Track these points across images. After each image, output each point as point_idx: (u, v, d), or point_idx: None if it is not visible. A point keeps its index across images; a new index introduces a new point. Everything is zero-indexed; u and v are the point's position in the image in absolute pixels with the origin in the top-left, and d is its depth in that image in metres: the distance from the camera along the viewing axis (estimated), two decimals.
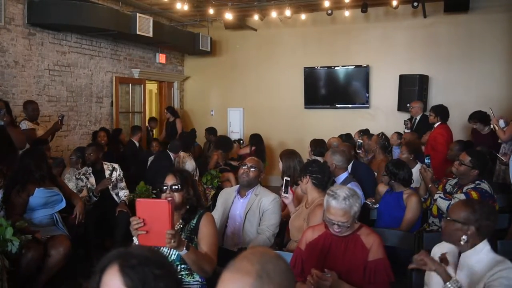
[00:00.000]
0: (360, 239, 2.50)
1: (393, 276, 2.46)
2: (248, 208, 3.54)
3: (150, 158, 6.76)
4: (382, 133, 5.91)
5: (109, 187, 5.09)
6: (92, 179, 5.07)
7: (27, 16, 6.40)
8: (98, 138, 6.66)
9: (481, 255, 2.19)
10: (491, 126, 3.87)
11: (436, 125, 6.04)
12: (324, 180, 3.36)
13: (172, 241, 2.23)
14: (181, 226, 2.69)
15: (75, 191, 4.70)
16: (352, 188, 2.61)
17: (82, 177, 5.05)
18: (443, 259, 2.28)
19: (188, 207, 2.71)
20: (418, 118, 6.92)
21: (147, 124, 9.01)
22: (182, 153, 6.58)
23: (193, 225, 2.67)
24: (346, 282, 2.39)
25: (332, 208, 2.48)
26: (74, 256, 3.99)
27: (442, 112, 6.03)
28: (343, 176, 4.20)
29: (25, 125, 5.47)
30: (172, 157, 6.35)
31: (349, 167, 4.88)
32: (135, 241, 2.36)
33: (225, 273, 1.27)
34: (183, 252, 2.35)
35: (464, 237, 2.20)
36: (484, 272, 2.12)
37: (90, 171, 5.10)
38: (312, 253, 2.55)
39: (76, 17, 6.54)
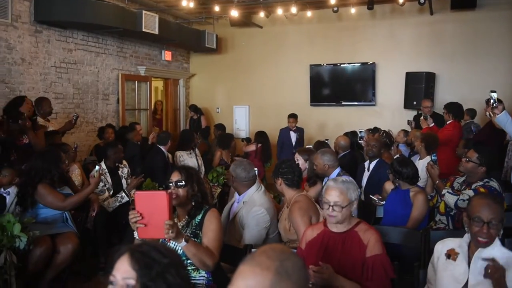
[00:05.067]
0: (357, 235, 2.50)
1: (392, 273, 2.45)
2: (234, 215, 3.56)
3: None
4: (384, 131, 5.92)
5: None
6: (109, 178, 5.10)
7: (34, 13, 6.41)
8: (106, 134, 6.66)
9: (495, 250, 2.22)
10: (486, 113, 3.81)
11: (448, 122, 6.01)
12: (295, 179, 3.43)
13: (170, 231, 2.25)
14: (186, 221, 2.72)
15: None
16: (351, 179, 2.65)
17: (102, 177, 4.92)
18: (451, 254, 2.29)
19: (193, 203, 2.73)
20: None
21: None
22: (178, 152, 6.57)
23: (198, 220, 2.70)
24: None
25: (329, 189, 2.53)
26: (82, 253, 4.01)
27: (454, 109, 6.00)
28: (335, 172, 4.20)
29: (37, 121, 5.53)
30: (164, 151, 6.31)
31: (372, 165, 4.88)
32: (135, 235, 2.38)
33: (243, 265, 1.28)
34: (183, 244, 2.37)
35: (501, 231, 2.25)
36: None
37: (106, 171, 5.10)
38: (311, 251, 2.55)
39: (82, 15, 6.55)
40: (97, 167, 4.22)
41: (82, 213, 4.33)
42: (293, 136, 8.05)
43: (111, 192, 5.05)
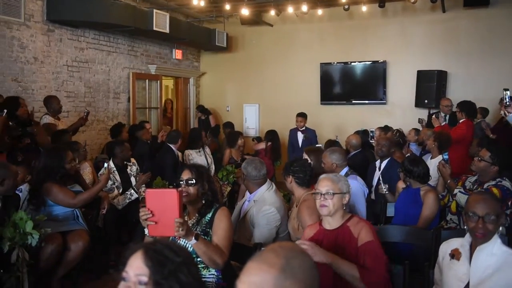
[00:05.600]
0: (348, 229, 2.53)
1: (385, 257, 2.47)
2: (245, 213, 3.56)
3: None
4: (397, 130, 5.86)
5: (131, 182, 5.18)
6: (118, 176, 5.13)
7: (46, 12, 6.47)
8: (123, 135, 6.64)
9: (495, 248, 2.21)
10: (501, 112, 3.76)
11: (461, 121, 5.95)
12: (306, 178, 3.44)
13: (181, 229, 2.26)
14: (197, 219, 2.73)
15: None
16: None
17: (110, 175, 4.93)
18: (455, 254, 2.28)
19: (204, 201, 2.74)
20: (448, 116, 6.79)
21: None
22: (187, 151, 6.62)
23: (208, 218, 2.71)
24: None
25: (320, 181, 2.61)
26: (92, 250, 4.04)
27: (467, 108, 5.93)
28: (343, 172, 4.18)
29: (46, 119, 5.57)
30: (174, 150, 6.34)
31: (383, 164, 4.85)
32: (146, 232, 2.39)
33: (250, 262, 1.28)
34: (193, 242, 2.38)
35: (501, 228, 2.25)
36: (499, 264, 2.16)
37: (114, 169, 5.13)
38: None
39: (94, 14, 6.60)
40: (105, 164, 4.26)
41: (92, 210, 4.36)
42: (300, 136, 7.75)
43: (120, 190, 5.08)
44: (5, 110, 4.31)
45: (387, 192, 4.29)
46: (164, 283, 1.35)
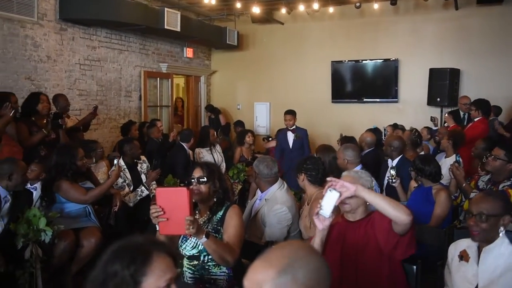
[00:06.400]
0: (375, 217, 2.45)
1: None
2: (256, 212, 3.57)
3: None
4: (416, 129, 5.78)
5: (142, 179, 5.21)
6: (128, 174, 5.16)
7: (59, 11, 6.53)
8: (133, 132, 6.71)
9: (502, 248, 2.18)
10: None
11: (476, 119, 5.88)
12: (318, 176, 3.42)
13: (191, 227, 2.25)
14: (208, 217, 2.73)
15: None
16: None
17: (121, 173, 4.95)
18: (463, 255, 2.25)
19: (215, 199, 2.74)
20: (467, 114, 6.73)
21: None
22: (198, 149, 6.67)
23: (220, 216, 2.71)
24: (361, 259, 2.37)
25: (342, 178, 2.54)
26: (104, 247, 4.06)
27: (483, 106, 5.88)
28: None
29: None
30: (186, 148, 6.35)
31: (395, 162, 4.80)
32: (157, 228, 2.40)
33: (257, 259, 1.29)
34: (203, 240, 2.38)
35: (501, 228, 2.19)
36: (507, 265, 2.13)
37: (125, 167, 5.15)
38: (329, 241, 2.51)
39: (106, 12, 6.64)
40: (115, 161, 4.29)
41: (105, 208, 4.40)
42: (291, 137, 6.98)
43: (131, 188, 5.11)
44: (13, 110, 4.36)
45: (395, 181, 4.22)
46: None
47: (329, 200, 2.20)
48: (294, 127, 7.02)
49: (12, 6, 5.83)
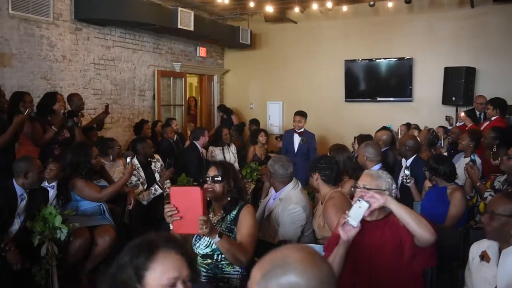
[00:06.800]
0: (394, 219, 2.41)
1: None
2: (270, 211, 3.56)
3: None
4: (433, 130, 5.69)
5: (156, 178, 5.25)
6: (142, 173, 5.20)
7: (74, 11, 6.59)
8: (145, 131, 6.76)
9: None
10: None
11: (493, 118, 5.80)
12: (332, 176, 3.39)
13: (204, 227, 2.26)
14: (222, 216, 2.74)
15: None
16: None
17: (135, 172, 5.06)
18: (484, 255, 2.22)
19: (229, 198, 2.75)
20: (483, 113, 6.64)
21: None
22: (211, 147, 6.71)
23: (233, 216, 2.71)
24: (381, 261, 2.34)
25: (362, 176, 2.54)
26: (118, 245, 4.10)
27: (501, 104, 5.80)
28: (375, 168, 4.11)
29: None
30: (198, 147, 6.37)
31: (409, 161, 4.75)
32: (171, 227, 2.42)
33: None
34: (216, 239, 2.38)
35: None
36: None
37: (139, 166, 5.20)
38: None
39: (120, 12, 6.69)
40: (128, 159, 4.32)
41: (119, 206, 4.43)
42: (297, 140, 6.65)
43: (145, 186, 5.15)
44: (28, 109, 4.40)
45: (409, 181, 4.19)
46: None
47: (358, 211, 2.21)
48: (302, 129, 6.67)
49: (28, 6, 5.90)
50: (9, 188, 3.53)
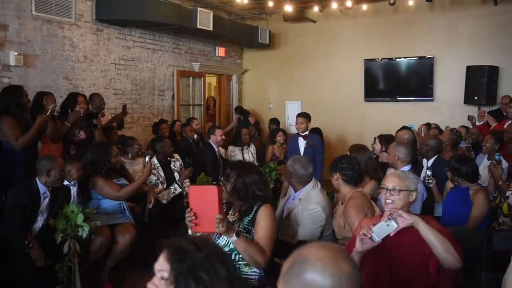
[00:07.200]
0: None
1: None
2: (289, 211, 3.54)
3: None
4: (456, 130, 5.58)
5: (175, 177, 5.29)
6: (162, 172, 5.24)
7: (95, 12, 6.68)
8: (162, 130, 6.84)
9: None
10: None
11: None
12: (354, 176, 3.34)
13: (220, 225, 2.27)
14: (239, 217, 2.74)
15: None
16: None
17: (154, 171, 5.10)
18: None
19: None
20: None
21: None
22: (231, 147, 6.77)
23: (251, 216, 2.69)
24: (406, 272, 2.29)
25: (388, 176, 2.50)
26: (138, 243, 4.14)
27: None
28: (405, 168, 4.05)
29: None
30: (213, 146, 6.36)
31: (430, 162, 4.68)
32: (189, 232, 2.43)
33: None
34: (233, 238, 2.39)
35: None
36: None
37: (158, 165, 5.23)
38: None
39: (140, 13, 6.77)
40: (147, 158, 4.36)
41: (139, 205, 4.48)
42: (302, 143, 6.17)
43: (164, 185, 5.19)
44: (50, 109, 4.46)
45: (431, 182, 4.12)
46: (181, 280, 1.34)
47: (385, 229, 2.21)
48: (306, 132, 6.19)
49: (51, 8, 6.00)
50: (32, 186, 3.59)
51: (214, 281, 1.34)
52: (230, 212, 2.76)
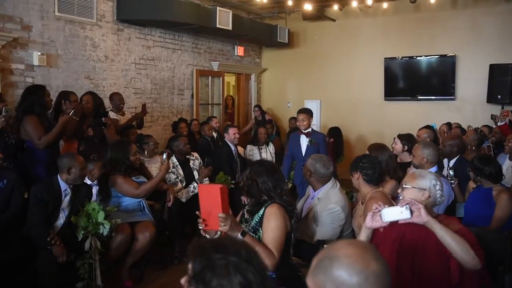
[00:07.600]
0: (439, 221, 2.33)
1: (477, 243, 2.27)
2: (308, 211, 3.52)
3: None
4: (481, 130, 5.46)
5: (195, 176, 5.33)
6: (181, 170, 5.28)
7: (116, 12, 6.77)
8: (180, 129, 6.89)
9: None
10: None
11: None
12: (375, 176, 3.28)
13: (223, 224, 2.29)
14: (247, 216, 2.75)
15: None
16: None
17: (174, 170, 5.16)
18: None
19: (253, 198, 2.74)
20: None
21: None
22: (249, 146, 6.84)
23: (260, 216, 2.67)
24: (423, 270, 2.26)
25: (409, 175, 2.49)
26: (158, 241, 4.18)
27: None
28: (432, 170, 3.97)
29: (110, 115, 5.82)
30: (229, 144, 6.30)
31: (452, 162, 4.60)
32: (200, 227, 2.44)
33: None
34: (239, 238, 2.37)
35: None
36: None
37: (177, 164, 5.27)
38: (386, 241, 2.40)
39: (160, 12, 6.83)
40: (164, 156, 4.39)
41: (158, 203, 4.52)
42: (304, 141, 5.59)
43: (183, 184, 5.22)
44: (73, 110, 4.50)
45: (452, 181, 4.05)
46: (193, 282, 1.24)
47: (397, 214, 2.19)
48: (309, 130, 5.61)
49: (73, 8, 6.10)
50: (53, 184, 3.66)
51: (225, 286, 1.21)
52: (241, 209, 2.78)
